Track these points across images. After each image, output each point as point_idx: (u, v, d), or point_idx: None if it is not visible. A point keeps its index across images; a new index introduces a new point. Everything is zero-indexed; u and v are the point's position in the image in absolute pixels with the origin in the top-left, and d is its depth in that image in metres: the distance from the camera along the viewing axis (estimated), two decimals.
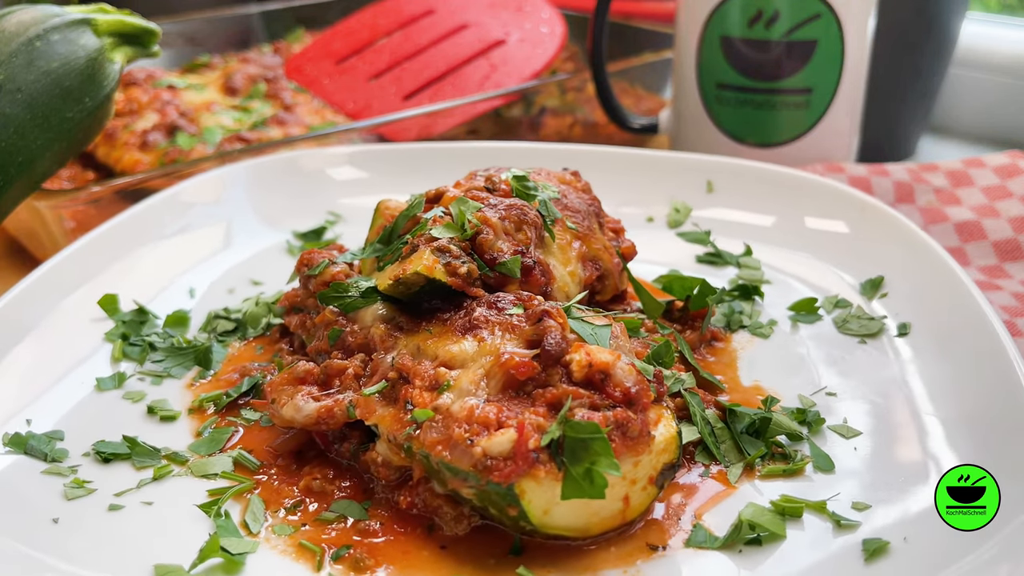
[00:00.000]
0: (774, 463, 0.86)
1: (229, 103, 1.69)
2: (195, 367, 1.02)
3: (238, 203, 1.32)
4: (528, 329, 0.82)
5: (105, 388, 0.97)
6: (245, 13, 2.17)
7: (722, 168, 1.34)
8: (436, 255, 0.89)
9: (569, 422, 0.73)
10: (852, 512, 0.80)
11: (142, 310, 1.08)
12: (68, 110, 1.17)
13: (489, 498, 0.75)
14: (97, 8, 1.26)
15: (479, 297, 0.88)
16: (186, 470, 0.86)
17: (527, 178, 1.02)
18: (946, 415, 0.89)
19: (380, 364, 0.86)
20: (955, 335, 0.98)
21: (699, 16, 1.43)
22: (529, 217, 0.96)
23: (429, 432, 0.76)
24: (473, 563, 0.77)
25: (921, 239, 1.13)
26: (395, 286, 0.90)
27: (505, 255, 0.91)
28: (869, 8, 1.40)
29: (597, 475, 0.72)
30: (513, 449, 0.72)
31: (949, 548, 0.73)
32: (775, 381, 0.99)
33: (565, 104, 1.74)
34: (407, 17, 1.87)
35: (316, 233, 1.29)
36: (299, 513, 0.82)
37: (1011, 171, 1.37)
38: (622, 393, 0.77)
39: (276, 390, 0.88)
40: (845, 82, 1.42)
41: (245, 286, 1.18)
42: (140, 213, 1.22)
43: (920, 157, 1.79)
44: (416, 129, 1.57)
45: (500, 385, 0.79)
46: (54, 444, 0.88)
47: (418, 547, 0.78)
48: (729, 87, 1.44)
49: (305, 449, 0.90)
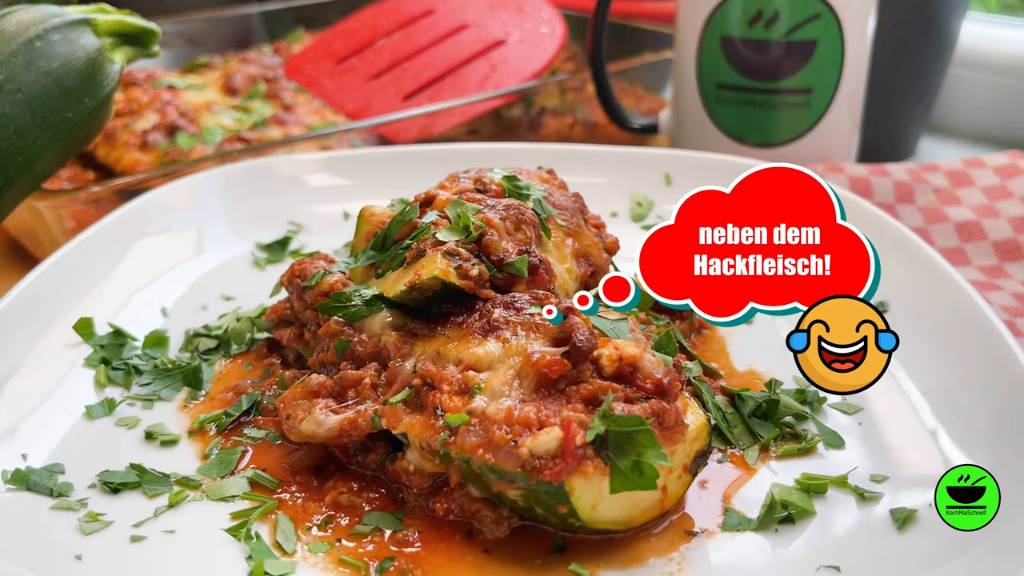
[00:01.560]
0: (787, 443, 0.89)
1: (229, 103, 1.69)
2: (184, 388, 0.99)
3: (207, 212, 1.28)
4: (554, 327, 0.82)
5: (96, 416, 0.93)
6: (245, 13, 2.17)
7: (679, 160, 1.37)
8: (448, 259, 0.88)
9: (611, 416, 0.74)
10: (872, 484, 0.83)
11: (119, 332, 1.04)
12: (68, 110, 1.17)
13: (537, 498, 0.75)
14: (97, 8, 1.26)
15: (491, 299, 0.88)
16: (201, 494, 0.84)
17: (517, 178, 1.02)
18: (935, 385, 0.93)
19: (399, 372, 0.85)
20: (931, 309, 1.01)
21: (699, 16, 1.43)
22: (527, 216, 0.96)
23: (467, 436, 0.76)
24: (519, 564, 0.77)
25: (881, 217, 1.15)
26: (408, 292, 0.88)
27: (511, 255, 0.91)
28: (869, 8, 1.40)
29: (647, 466, 0.73)
30: (560, 447, 0.73)
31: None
32: (768, 365, 1.01)
33: (565, 104, 1.74)
34: (407, 17, 1.87)
35: (280, 244, 1.26)
36: (330, 529, 0.80)
37: (1011, 171, 1.37)
38: (653, 384, 0.78)
39: (290, 405, 0.86)
40: (845, 82, 1.42)
41: (217, 302, 1.14)
42: (105, 227, 1.17)
43: (920, 157, 1.79)
44: (416, 129, 1.57)
45: (533, 385, 0.79)
46: (56, 478, 0.84)
47: (461, 553, 0.78)
48: (729, 87, 1.44)
49: (323, 463, 0.88)
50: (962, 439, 0.86)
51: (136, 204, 1.23)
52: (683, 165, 1.36)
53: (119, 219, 1.20)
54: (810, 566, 0.75)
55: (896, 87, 1.65)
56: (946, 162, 1.43)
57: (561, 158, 1.35)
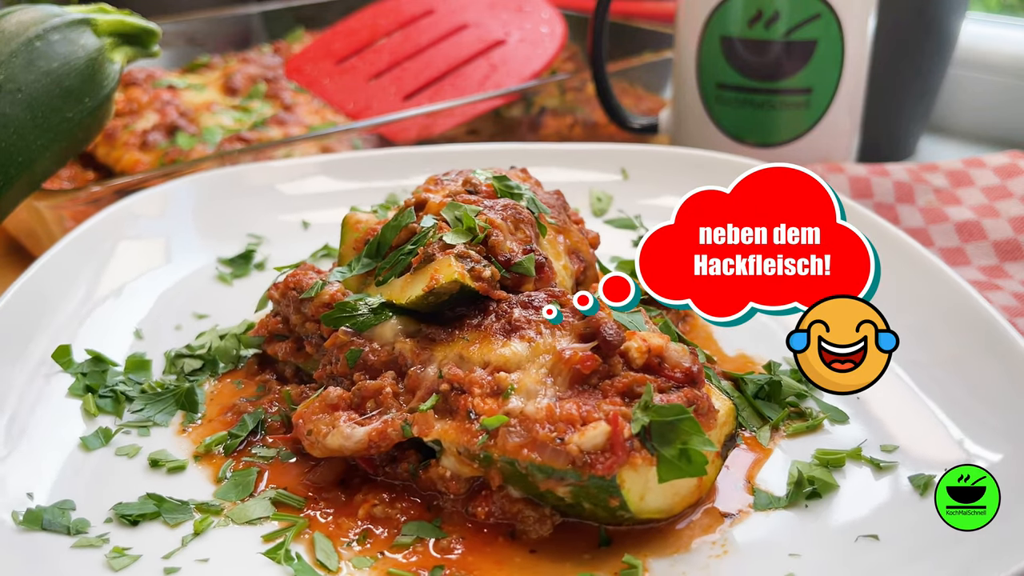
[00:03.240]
0: (794, 422, 0.92)
1: (229, 103, 1.69)
2: (178, 411, 0.96)
3: (176, 222, 1.24)
4: (579, 323, 0.83)
5: (92, 447, 0.89)
6: (245, 13, 2.17)
7: (633, 155, 1.38)
8: (460, 261, 0.88)
9: (653, 406, 0.76)
10: (885, 454, 0.86)
11: (99, 359, 1.00)
12: (68, 110, 1.17)
13: (586, 493, 0.76)
14: (97, 8, 1.26)
15: (503, 299, 0.88)
16: (225, 519, 0.82)
17: (507, 177, 1.02)
18: (919, 357, 0.96)
19: (421, 379, 0.84)
20: (901, 281, 1.04)
21: (699, 16, 1.43)
22: (524, 216, 0.96)
23: (509, 438, 0.76)
24: (569, 561, 0.77)
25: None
26: (425, 297, 0.87)
27: (517, 255, 0.91)
28: (869, 8, 1.40)
29: (694, 453, 0.75)
30: (608, 441, 0.74)
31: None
32: (756, 348, 1.03)
33: (565, 104, 1.74)
34: (407, 17, 1.87)
35: (244, 258, 1.22)
36: (369, 543, 0.79)
37: (1011, 171, 1.37)
38: (683, 373, 0.80)
39: (309, 420, 0.85)
40: (845, 82, 1.42)
41: (191, 320, 1.11)
42: (76, 241, 1.13)
43: (920, 157, 1.79)
44: (416, 129, 1.57)
45: (567, 382, 0.80)
46: (68, 515, 0.80)
47: (508, 555, 0.78)
48: (729, 87, 1.44)
49: (346, 477, 0.86)
50: (958, 407, 0.90)
51: (108, 214, 1.19)
52: (639, 160, 1.38)
53: (89, 232, 1.16)
54: (848, 537, 0.78)
55: (896, 87, 1.65)
56: (946, 162, 1.43)
57: (515, 158, 1.35)
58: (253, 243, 1.25)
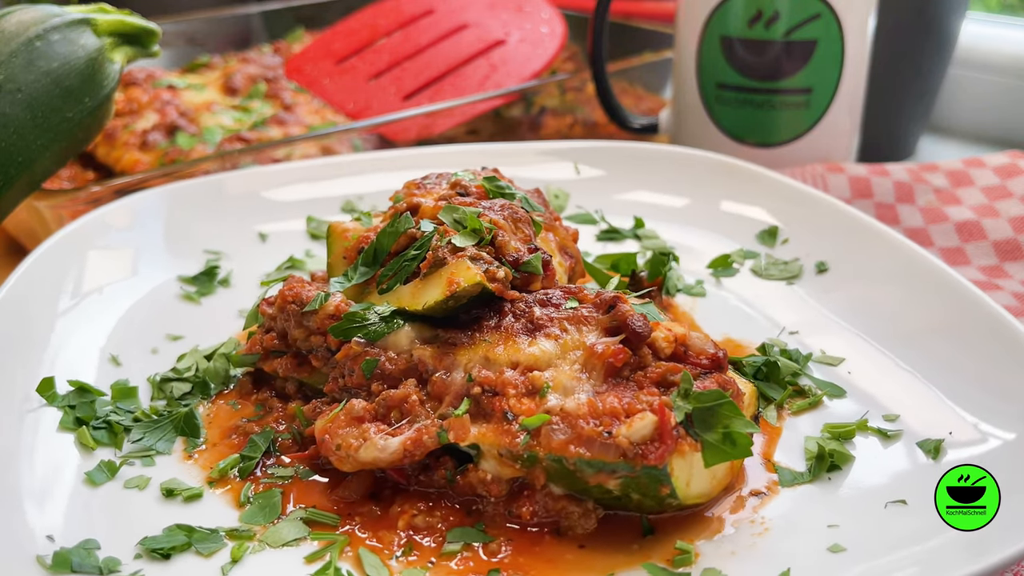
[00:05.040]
0: (796, 400, 0.94)
1: (229, 103, 1.69)
2: (178, 437, 0.92)
3: (144, 238, 1.21)
4: (604, 318, 0.84)
5: (99, 481, 0.85)
6: (245, 13, 2.17)
7: (584, 151, 1.40)
8: (475, 264, 0.87)
9: (694, 393, 0.77)
10: (889, 424, 0.89)
11: (84, 389, 0.95)
12: (68, 110, 1.17)
13: (636, 484, 0.77)
14: (97, 8, 1.26)
15: (518, 299, 0.88)
16: (260, 544, 0.79)
17: (496, 178, 1.02)
18: (898, 329, 1.00)
19: (448, 384, 0.84)
20: (870, 263, 1.10)
21: (699, 16, 1.43)
22: (520, 215, 0.96)
23: (554, 435, 0.76)
24: (620, 552, 0.78)
25: (775, 179, 1.25)
26: (445, 302, 0.86)
27: (524, 254, 0.91)
28: (869, 8, 1.40)
29: (738, 435, 0.76)
30: (656, 431, 0.75)
31: (995, 439, 0.84)
32: (741, 332, 1.05)
33: (565, 104, 1.74)
34: (407, 17, 1.87)
35: (207, 275, 1.17)
36: (416, 554, 0.78)
37: (1011, 171, 1.37)
38: (709, 359, 0.83)
39: (337, 435, 0.83)
40: (845, 82, 1.42)
41: (165, 343, 1.06)
42: (43, 256, 1.09)
43: (920, 157, 1.79)
44: (416, 129, 1.57)
45: (602, 376, 0.81)
46: (95, 555, 0.77)
47: (558, 552, 0.78)
48: (729, 87, 1.44)
49: (376, 490, 0.85)
50: (941, 373, 0.93)
51: (77, 226, 1.16)
52: (589, 154, 1.39)
53: (57, 246, 1.12)
54: (877, 504, 0.80)
55: (896, 87, 1.65)
56: (946, 162, 1.43)
57: (478, 156, 1.37)
58: (212, 259, 1.20)
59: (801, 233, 1.20)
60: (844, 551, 0.75)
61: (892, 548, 0.75)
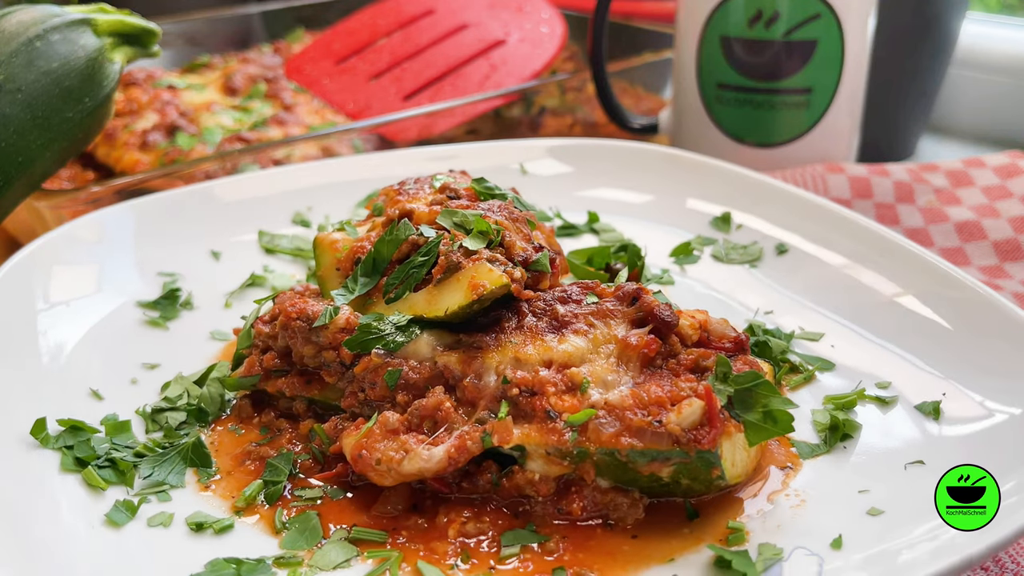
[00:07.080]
0: (791, 376, 0.97)
1: (229, 103, 1.69)
2: (188, 469, 0.88)
3: (111, 252, 1.17)
4: (630, 310, 0.86)
5: (121, 523, 0.80)
6: (245, 13, 2.17)
7: (529, 149, 1.42)
8: (493, 266, 0.87)
9: (732, 376, 0.79)
10: (883, 391, 0.93)
11: (78, 427, 0.90)
12: (68, 110, 1.17)
13: (688, 469, 0.78)
14: (97, 8, 1.26)
15: (533, 298, 0.88)
16: (311, 569, 0.76)
17: (486, 180, 1.02)
18: (865, 301, 1.04)
19: (481, 389, 0.83)
20: (828, 241, 1.14)
21: (699, 16, 1.43)
22: (517, 215, 0.96)
23: (603, 429, 0.77)
24: (673, 538, 0.79)
25: (721, 168, 1.29)
26: (470, 306, 0.85)
27: (531, 253, 0.91)
28: (869, 8, 1.40)
29: (779, 413, 0.78)
30: (704, 415, 0.77)
31: (987, 393, 0.88)
32: (717, 313, 1.06)
33: (565, 104, 1.74)
34: (407, 17, 1.87)
35: (168, 299, 1.12)
36: (474, 561, 0.77)
37: (1011, 171, 1.37)
38: (732, 342, 0.85)
39: (375, 450, 0.81)
40: (845, 82, 1.42)
41: (142, 372, 1.01)
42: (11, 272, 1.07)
43: (920, 157, 1.79)
44: (416, 129, 1.57)
45: (638, 367, 0.82)
46: None
47: (615, 544, 0.79)
48: (729, 87, 1.44)
49: (416, 502, 0.84)
50: (915, 339, 0.98)
51: (48, 239, 1.14)
52: (533, 152, 1.42)
53: (26, 261, 1.10)
54: (897, 466, 0.83)
55: (896, 87, 1.65)
56: (946, 162, 1.43)
57: (425, 158, 1.38)
58: (169, 281, 1.15)
59: (753, 218, 1.24)
60: (883, 513, 0.78)
61: (928, 506, 0.77)
